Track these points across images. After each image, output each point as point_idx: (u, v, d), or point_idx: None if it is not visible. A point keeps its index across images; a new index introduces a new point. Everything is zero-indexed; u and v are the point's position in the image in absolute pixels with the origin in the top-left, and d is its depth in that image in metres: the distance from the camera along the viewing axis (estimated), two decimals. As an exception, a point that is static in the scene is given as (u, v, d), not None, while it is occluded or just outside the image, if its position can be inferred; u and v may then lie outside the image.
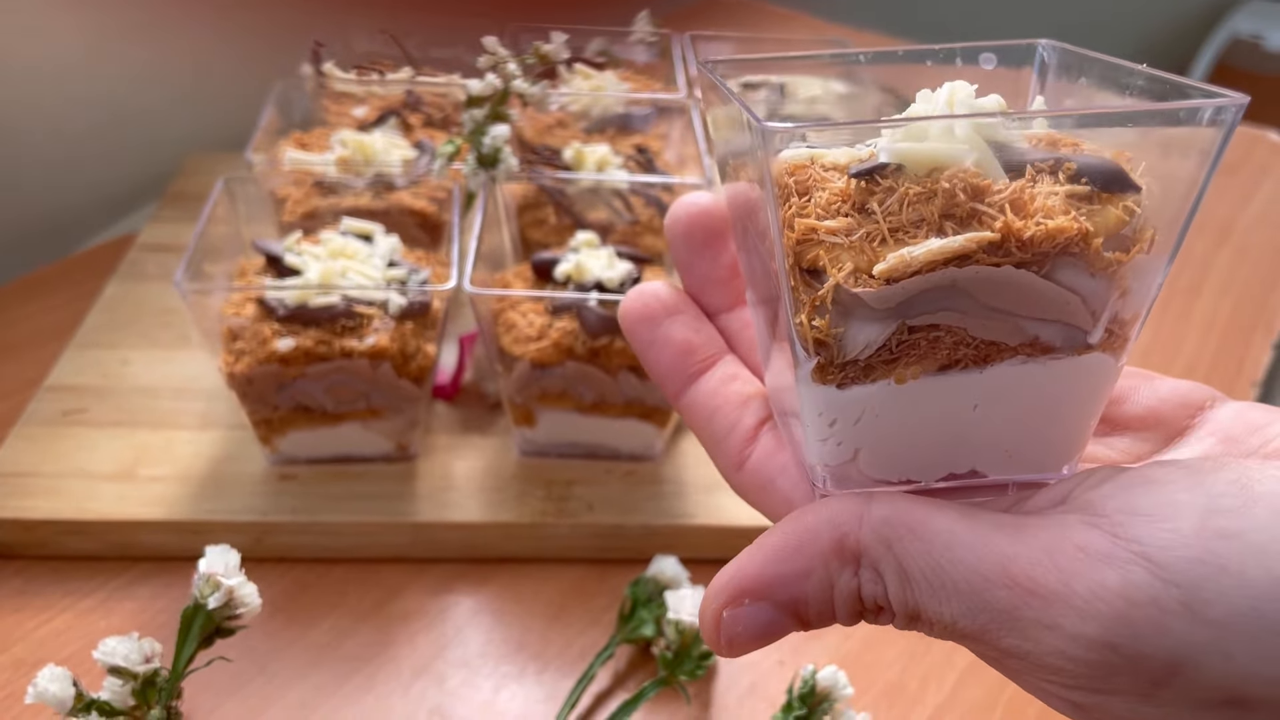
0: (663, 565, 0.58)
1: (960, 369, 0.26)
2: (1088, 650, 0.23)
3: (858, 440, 0.27)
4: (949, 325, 0.25)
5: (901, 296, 0.24)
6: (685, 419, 0.33)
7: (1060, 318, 0.25)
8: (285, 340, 0.58)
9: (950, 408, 0.26)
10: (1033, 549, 0.24)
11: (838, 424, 0.26)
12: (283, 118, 0.79)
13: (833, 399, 0.26)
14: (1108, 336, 0.26)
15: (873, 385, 0.26)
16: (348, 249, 0.62)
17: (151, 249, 0.83)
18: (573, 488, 0.64)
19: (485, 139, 0.67)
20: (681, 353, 0.32)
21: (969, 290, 0.24)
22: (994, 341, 0.25)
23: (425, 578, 0.61)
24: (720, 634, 0.27)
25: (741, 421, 0.31)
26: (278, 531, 0.61)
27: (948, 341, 0.25)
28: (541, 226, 0.72)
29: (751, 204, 0.27)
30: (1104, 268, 0.25)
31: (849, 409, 0.26)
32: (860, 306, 0.25)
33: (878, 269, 0.24)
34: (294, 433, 0.63)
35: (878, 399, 0.26)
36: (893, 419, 0.26)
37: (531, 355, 0.60)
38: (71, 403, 0.68)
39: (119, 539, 0.60)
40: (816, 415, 0.26)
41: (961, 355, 0.25)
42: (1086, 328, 0.25)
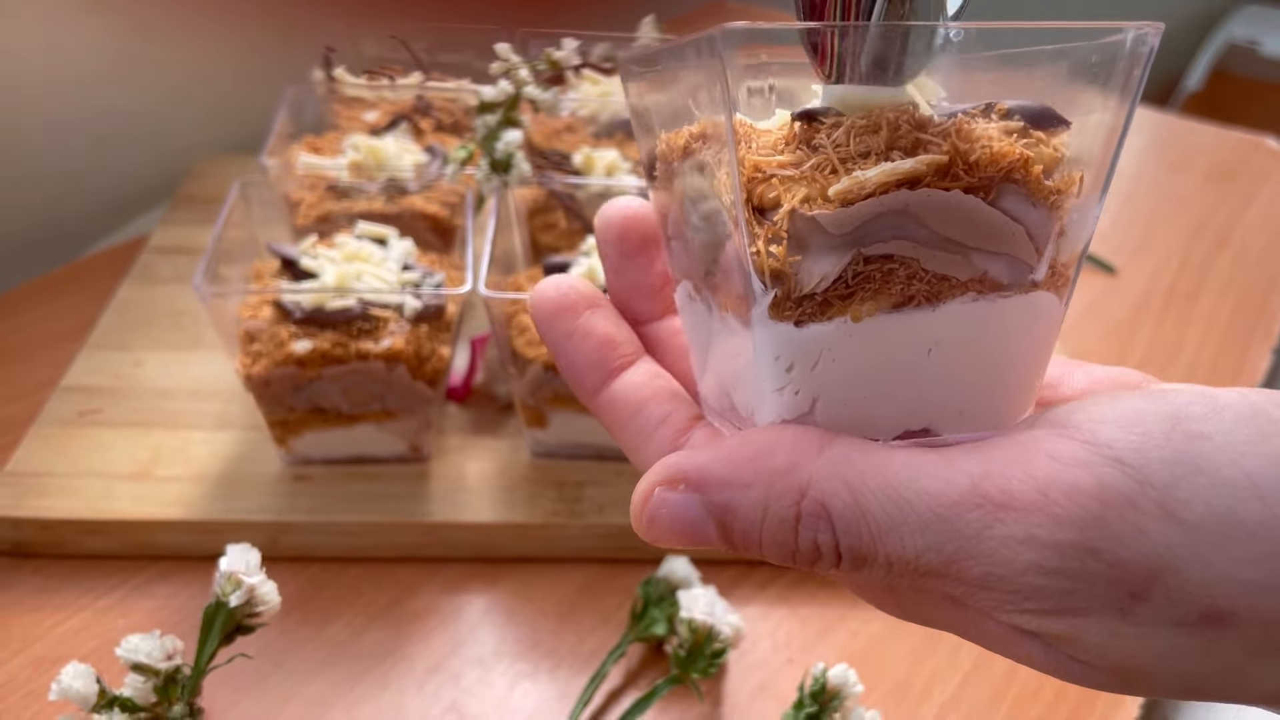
0: (674, 565, 0.58)
1: (914, 306, 0.26)
2: (1064, 558, 0.22)
3: (815, 388, 0.26)
4: (902, 256, 0.25)
5: (856, 221, 0.24)
6: (603, 417, 0.31)
7: (1007, 249, 0.26)
8: (302, 343, 0.59)
9: (905, 351, 0.26)
10: (1004, 464, 0.23)
11: (795, 369, 0.26)
12: (295, 122, 0.80)
13: (790, 339, 0.26)
14: (1051, 275, 0.26)
15: (829, 324, 0.26)
16: (362, 252, 0.63)
17: (163, 251, 0.84)
18: (584, 489, 0.65)
19: (498, 144, 0.67)
20: (604, 345, 0.30)
21: (921, 216, 0.25)
22: (945, 276, 0.26)
23: (439, 577, 0.62)
24: (644, 510, 0.26)
25: (675, 413, 0.30)
26: (293, 531, 0.62)
27: (901, 274, 0.25)
28: (552, 230, 0.73)
29: (691, 166, 0.27)
30: (1045, 196, 0.25)
31: (806, 350, 0.26)
32: (816, 235, 0.25)
33: (833, 189, 0.24)
34: (309, 434, 0.63)
35: (834, 339, 0.26)
36: (850, 362, 0.26)
37: (544, 358, 0.61)
38: (87, 403, 0.69)
39: (136, 538, 0.61)
40: (773, 360, 0.26)
41: (915, 291, 0.26)
42: (1031, 262, 0.26)
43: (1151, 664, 0.23)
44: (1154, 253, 0.99)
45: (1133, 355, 0.85)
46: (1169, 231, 1.02)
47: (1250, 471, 0.22)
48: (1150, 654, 0.23)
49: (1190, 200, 1.08)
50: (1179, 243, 1.01)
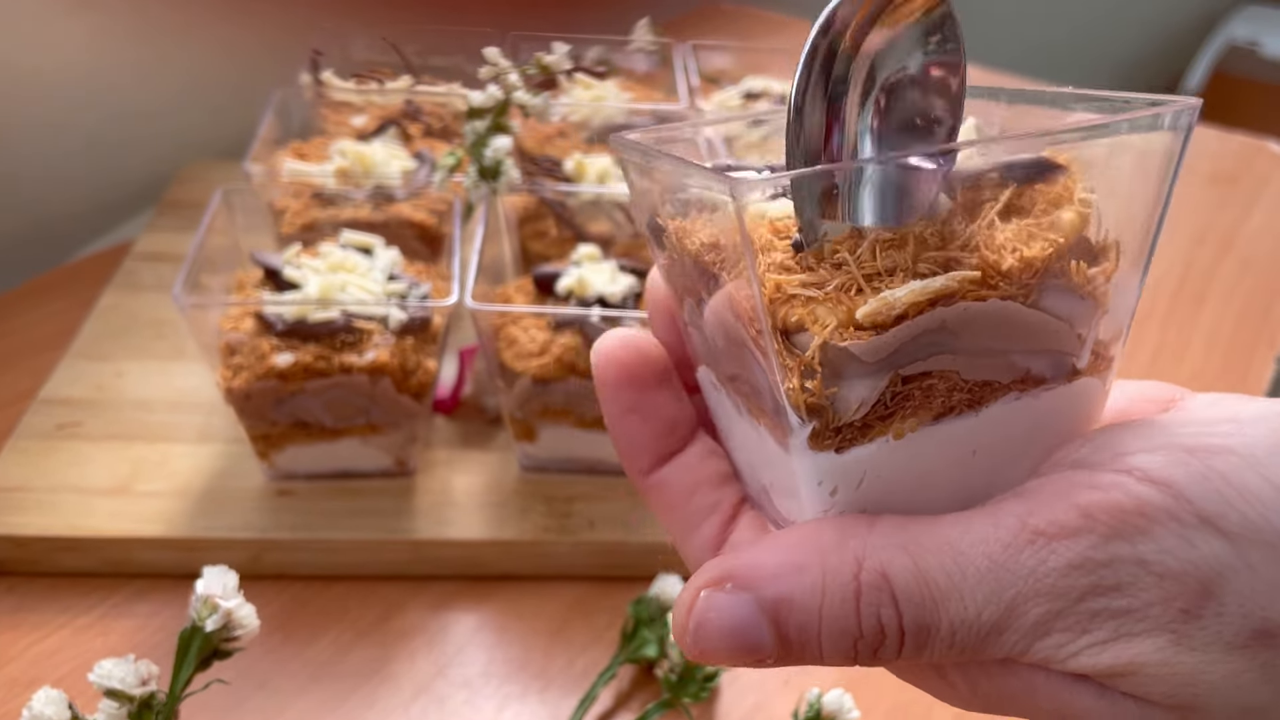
0: (665, 585, 0.57)
1: (956, 415, 0.25)
2: (1118, 574, 0.22)
3: (860, 505, 0.26)
4: (941, 371, 0.24)
5: (892, 346, 0.24)
6: (650, 499, 0.29)
7: (1049, 346, 0.25)
8: (284, 355, 0.58)
9: (950, 456, 0.25)
10: (1047, 499, 0.23)
11: (839, 492, 0.25)
12: (281, 127, 0.78)
13: (832, 465, 0.25)
14: (1094, 359, 0.26)
15: (870, 445, 0.25)
16: (347, 262, 0.61)
17: (147, 258, 0.82)
18: (574, 504, 0.63)
19: (487, 151, 0.66)
20: (664, 428, 0.28)
21: (958, 331, 0.24)
22: (987, 382, 0.25)
23: (425, 595, 0.61)
24: (690, 618, 0.24)
25: (724, 501, 0.28)
26: (275, 549, 0.60)
27: (941, 388, 0.25)
28: (542, 239, 0.72)
29: (705, 272, 0.26)
30: (1086, 285, 0.24)
31: (849, 473, 0.25)
32: (850, 363, 0.24)
33: (861, 312, 0.23)
34: (292, 448, 0.62)
35: (877, 459, 0.25)
36: (894, 477, 0.25)
37: (533, 371, 0.60)
38: (65, 416, 0.67)
39: (114, 556, 0.60)
40: (816, 486, 0.25)
41: (956, 401, 0.25)
42: (1074, 353, 0.25)
43: (1209, 694, 0.22)
44: (1157, 258, 0.97)
45: (1137, 363, 0.84)
46: (1172, 236, 1.01)
47: (1277, 482, 0.22)
48: (1207, 682, 0.22)
49: (1193, 205, 1.06)
50: (1182, 248, 0.99)
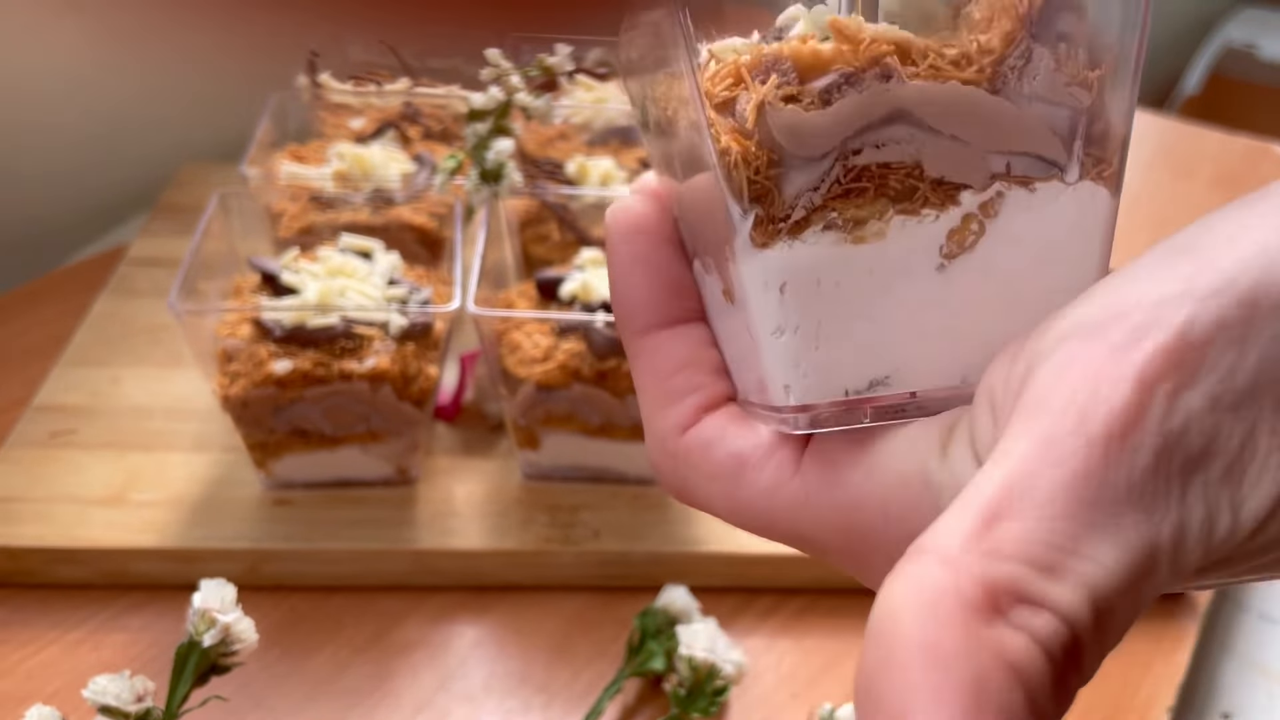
0: (673, 596, 0.56)
1: (925, 216, 0.22)
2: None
3: (816, 324, 0.23)
4: (901, 162, 0.22)
5: (842, 120, 0.21)
6: (637, 360, 0.27)
7: (1026, 148, 0.22)
8: (282, 362, 0.56)
9: (918, 270, 0.23)
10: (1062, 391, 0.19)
11: (789, 298, 0.22)
12: (278, 129, 0.77)
13: (778, 264, 0.22)
14: (1089, 165, 0.23)
15: (821, 240, 0.22)
16: (347, 267, 0.60)
17: (142, 263, 0.81)
18: (578, 513, 0.62)
19: (488, 154, 0.65)
20: (671, 287, 0.26)
21: (917, 116, 0.22)
22: (957, 183, 0.22)
23: (426, 607, 0.60)
24: None
25: (709, 387, 0.26)
26: (273, 559, 0.59)
27: (902, 180, 0.22)
28: (544, 242, 0.70)
29: (669, 115, 0.25)
30: (1061, 78, 0.22)
31: (801, 271, 0.22)
32: (796, 138, 0.22)
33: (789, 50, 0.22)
34: (290, 456, 0.61)
35: (834, 260, 0.22)
36: (853, 290, 0.22)
37: (537, 377, 0.59)
38: (60, 423, 0.66)
39: (109, 567, 0.58)
40: (763, 291, 0.23)
41: (921, 198, 0.22)
42: (1059, 159, 0.23)
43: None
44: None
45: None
46: (1176, 240, 1.00)
47: None
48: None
49: (1196, 208, 1.05)
50: (1187, 252, 0.98)
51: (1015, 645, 0.17)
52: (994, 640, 0.17)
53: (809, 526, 0.24)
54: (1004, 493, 0.18)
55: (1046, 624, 0.17)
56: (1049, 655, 0.17)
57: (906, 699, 0.16)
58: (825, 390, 0.23)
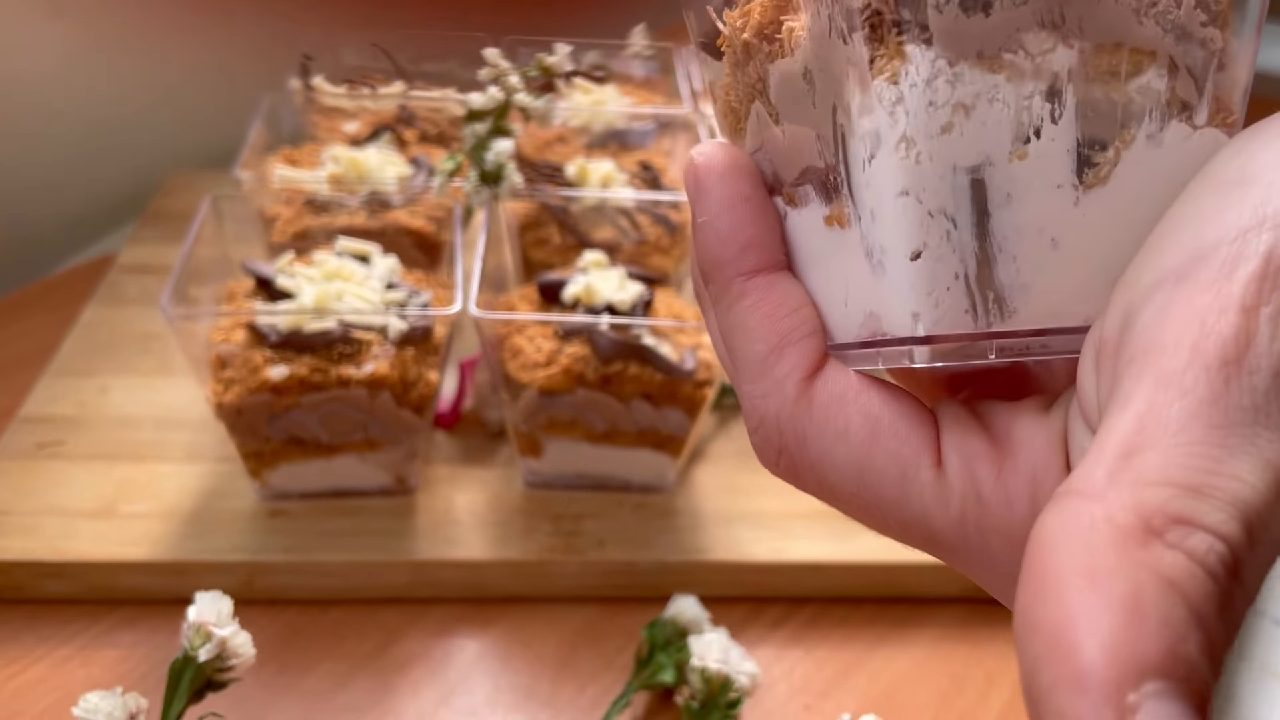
0: (682, 606, 0.54)
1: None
2: None
3: (961, 248, 0.22)
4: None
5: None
6: (744, 302, 0.25)
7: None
8: (278, 368, 0.55)
9: (1059, 197, 0.22)
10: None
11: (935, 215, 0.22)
12: (270, 133, 0.75)
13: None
14: (1215, 111, 0.23)
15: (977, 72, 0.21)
16: (343, 271, 0.59)
17: (131, 270, 0.79)
18: (582, 522, 0.61)
19: (488, 154, 0.63)
20: (778, 230, 0.26)
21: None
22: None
23: (426, 620, 0.58)
24: None
25: (818, 336, 0.25)
26: (269, 572, 0.57)
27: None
28: (544, 246, 0.69)
29: (770, 39, 0.25)
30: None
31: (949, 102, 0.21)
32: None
33: None
34: (286, 466, 0.59)
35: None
36: (999, 215, 0.22)
37: (540, 382, 0.57)
38: (47, 434, 0.64)
39: (98, 581, 0.57)
40: (901, 199, 0.22)
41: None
42: (1192, 100, 0.23)
43: None
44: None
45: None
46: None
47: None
48: None
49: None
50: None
51: (1173, 563, 0.16)
52: (1151, 559, 0.16)
53: (940, 522, 0.23)
54: (1136, 429, 0.18)
55: (1201, 541, 0.17)
56: (1209, 572, 0.17)
57: (1065, 618, 0.16)
58: (955, 321, 0.22)
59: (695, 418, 0.59)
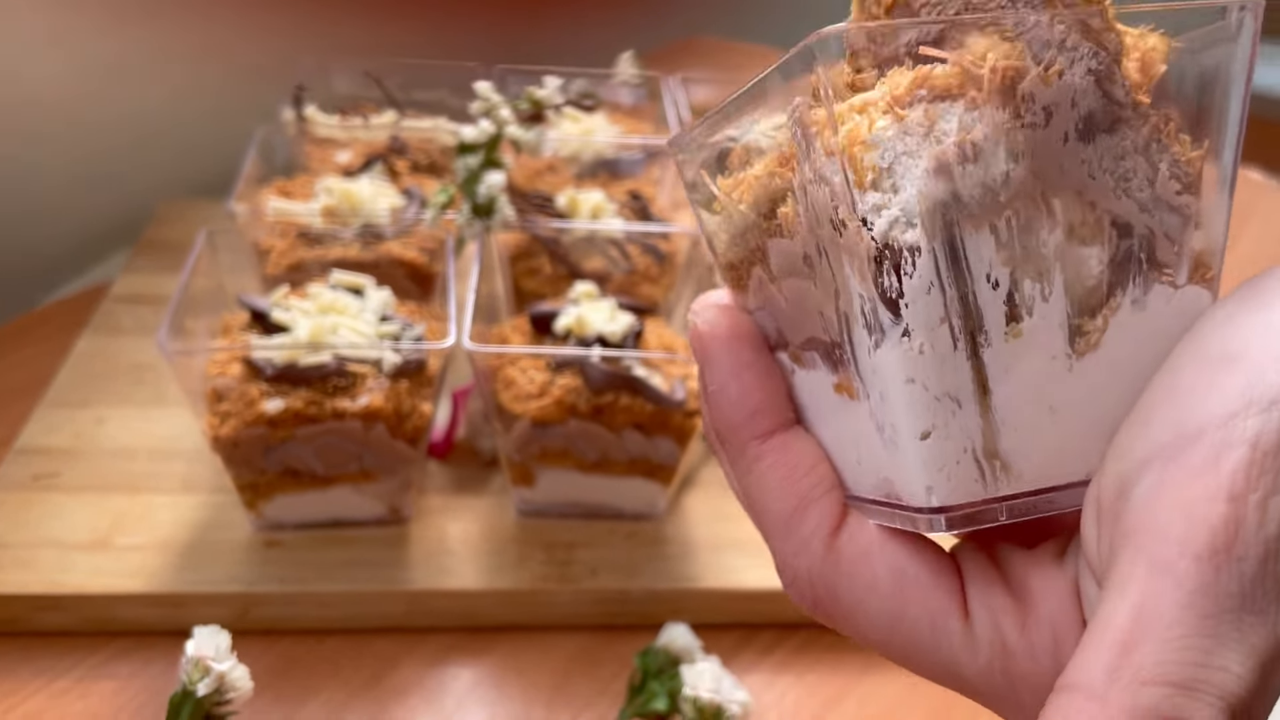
0: (674, 634, 0.55)
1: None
2: None
3: (968, 426, 0.23)
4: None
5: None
6: (761, 464, 0.26)
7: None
8: (274, 401, 0.55)
9: (1055, 368, 0.23)
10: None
11: (940, 399, 0.23)
12: (264, 164, 0.76)
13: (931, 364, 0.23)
14: (1195, 270, 0.24)
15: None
16: (338, 304, 0.59)
17: (126, 300, 0.80)
18: (574, 551, 0.61)
19: (480, 187, 0.64)
20: (785, 390, 0.27)
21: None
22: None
23: (422, 649, 0.58)
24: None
25: (841, 487, 0.26)
26: (264, 603, 0.58)
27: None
28: (535, 276, 0.70)
29: (768, 214, 0.25)
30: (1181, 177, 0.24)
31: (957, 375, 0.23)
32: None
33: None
34: (281, 497, 0.59)
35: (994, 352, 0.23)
36: (1002, 392, 0.23)
37: (532, 413, 0.58)
38: (42, 466, 0.64)
39: (95, 613, 0.57)
40: (907, 388, 0.23)
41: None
42: (1171, 263, 0.24)
43: None
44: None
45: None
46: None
47: None
48: None
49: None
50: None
51: None
52: None
53: (970, 670, 0.24)
54: (1133, 621, 0.20)
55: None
56: None
57: None
58: (966, 491, 0.24)
59: (685, 447, 0.60)
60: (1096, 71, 0.23)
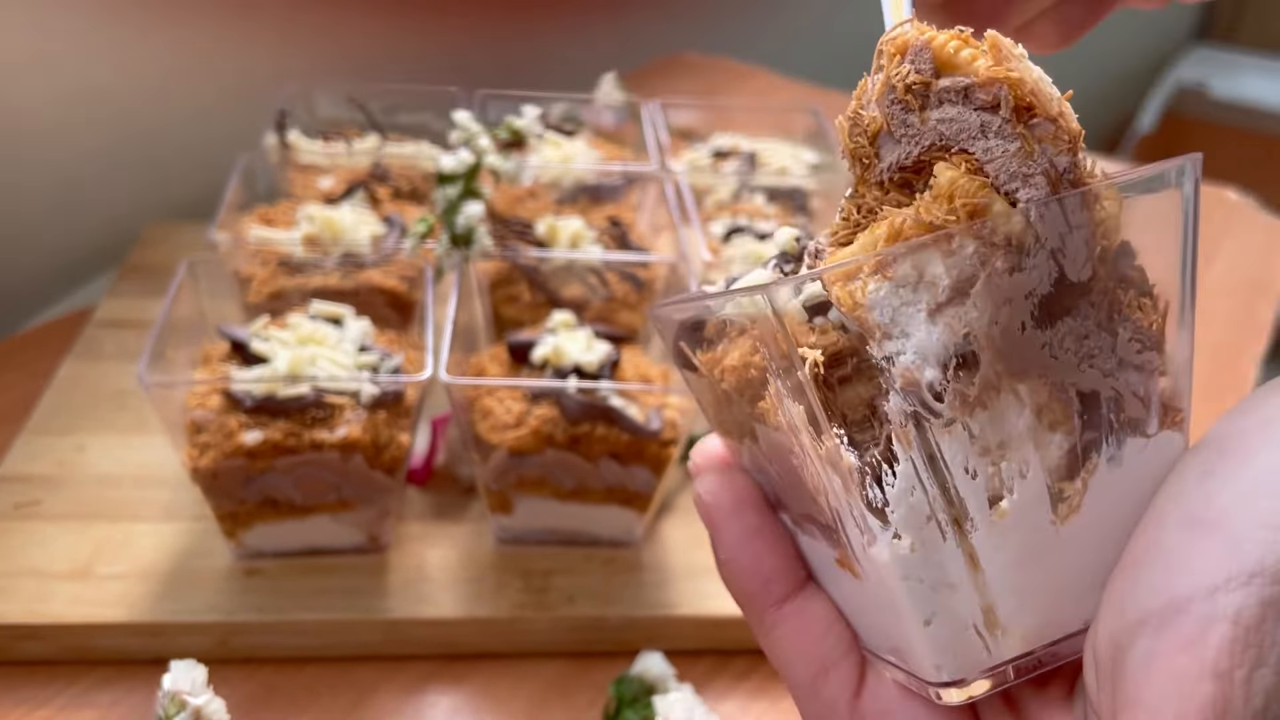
0: (648, 663, 0.56)
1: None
2: None
3: (969, 603, 0.24)
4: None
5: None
6: (778, 631, 0.27)
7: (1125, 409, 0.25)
8: (252, 433, 0.56)
9: (1043, 538, 0.24)
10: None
11: (940, 590, 0.24)
12: (246, 190, 0.77)
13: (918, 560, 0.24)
14: (1164, 415, 0.25)
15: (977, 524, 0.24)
16: (317, 334, 0.60)
17: (108, 325, 0.80)
18: (551, 578, 0.62)
19: (459, 219, 0.65)
20: (794, 552, 0.27)
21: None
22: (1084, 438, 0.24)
23: (400, 677, 0.59)
24: None
25: (857, 643, 0.27)
26: (244, 632, 0.58)
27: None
28: (515, 303, 0.71)
29: (750, 394, 0.26)
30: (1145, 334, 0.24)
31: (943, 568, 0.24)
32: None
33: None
34: (260, 526, 0.60)
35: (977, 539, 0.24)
36: (996, 569, 0.24)
37: (509, 443, 0.59)
38: (24, 494, 0.65)
39: (75, 643, 0.57)
40: (905, 582, 0.24)
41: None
42: (1141, 417, 0.25)
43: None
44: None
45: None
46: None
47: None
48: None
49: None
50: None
51: None
52: None
53: None
54: None
55: None
56: None
57: None
58: (974, 663, 0.25)
59: (661, 475, 0.61)
60: (1055, 252, 0.23)
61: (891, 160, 0.24)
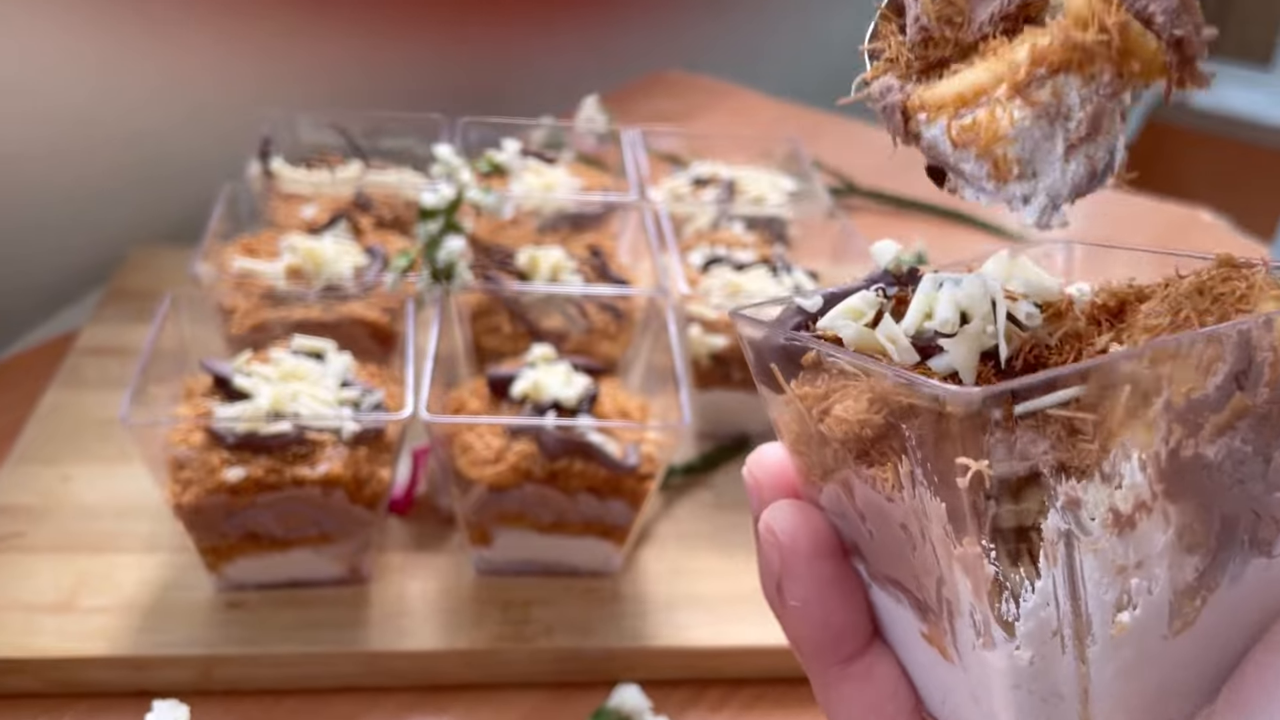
0: (624, 696, 0.57)
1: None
2: None
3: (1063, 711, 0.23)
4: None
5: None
6: (845, 688, 0.25)
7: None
8: (235, 470, 0.57)
9: (1154, 647, 0.24)
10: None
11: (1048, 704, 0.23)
12: (230, 218, 0.77)
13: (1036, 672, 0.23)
14: None
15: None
16: (299, 370, 0.61)
17: (92, 352, 0.81)
18: (531, 609, 0.63)
19: (440, 254, 0.66)
20: (867, 607, 0.25)
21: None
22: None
23: (380, 708, 0.60)
24: None
25: (918, 702, 0.26)
26: (225, 664, 0.59)
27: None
28: (496, 334, 0.72)
29: (860, 452, 0.25)
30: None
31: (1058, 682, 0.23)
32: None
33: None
34: (242, 559, 0.61)
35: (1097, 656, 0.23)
36: (1101, 679, 0.23)
37: (489, 479, 0.59)
38: (8, 526, 0.65)
39: (59, 676, 0.58)
40: (1014, 692, 0.23)
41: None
42: (1270, 538, 0.24)
43: None
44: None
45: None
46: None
47: None
48: None
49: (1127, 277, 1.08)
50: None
51: None
52: None
53: None
54: None
55: None
56: None
57: None
58: None
59: (639, 508, 0.62)
60: (1239, 375, 0.22)
61: (993, 10, 0.23)
